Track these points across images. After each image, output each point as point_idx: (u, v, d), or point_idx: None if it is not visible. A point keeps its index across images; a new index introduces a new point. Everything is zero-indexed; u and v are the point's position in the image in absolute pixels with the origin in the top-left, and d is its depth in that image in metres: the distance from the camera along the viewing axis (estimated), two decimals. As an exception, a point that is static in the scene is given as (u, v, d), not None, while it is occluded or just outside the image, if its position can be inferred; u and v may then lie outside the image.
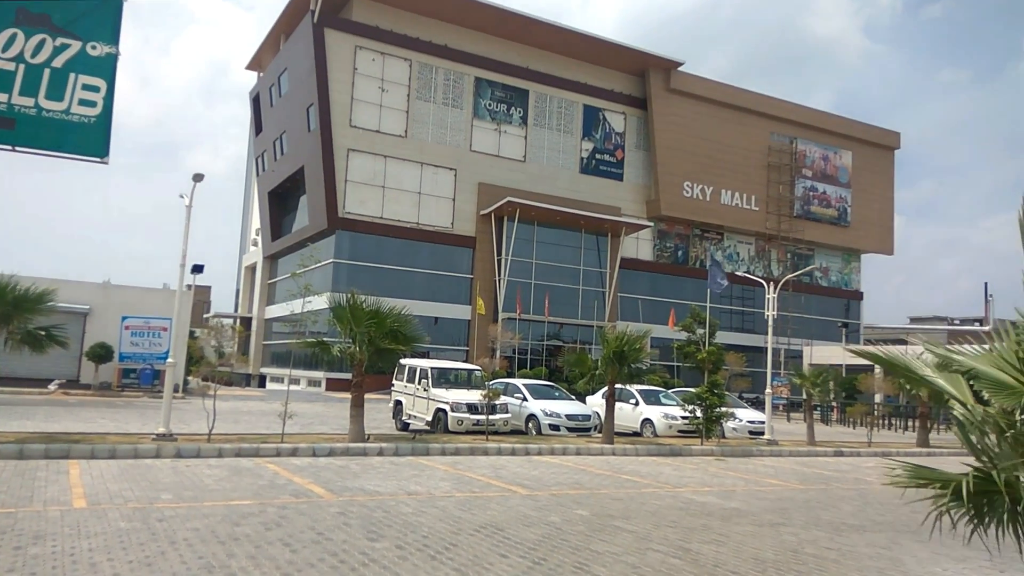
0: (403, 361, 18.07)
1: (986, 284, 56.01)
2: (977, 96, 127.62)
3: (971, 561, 7.05)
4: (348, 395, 14.95)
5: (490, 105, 41.65)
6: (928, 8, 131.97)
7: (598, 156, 44.74)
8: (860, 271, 54.77)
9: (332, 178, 37.29)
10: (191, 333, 28.86)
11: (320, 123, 37.28)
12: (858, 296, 54.34)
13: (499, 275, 39.61)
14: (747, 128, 48.21)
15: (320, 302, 25.50)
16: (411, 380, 17.85)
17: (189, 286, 23.31)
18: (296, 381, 38.30)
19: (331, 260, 37.02)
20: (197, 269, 24.90)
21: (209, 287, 65.34)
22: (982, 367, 3.93)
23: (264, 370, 44.95)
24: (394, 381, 18.79)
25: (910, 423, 31.41)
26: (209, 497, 8.39)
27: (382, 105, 38.91)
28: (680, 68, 45.90)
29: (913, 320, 66.45)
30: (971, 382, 3.92)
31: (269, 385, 43.27)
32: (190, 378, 28.04)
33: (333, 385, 35.69)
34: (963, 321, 58.78)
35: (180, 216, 13.35)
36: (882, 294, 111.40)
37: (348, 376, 16.62)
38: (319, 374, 36.97)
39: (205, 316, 54.55)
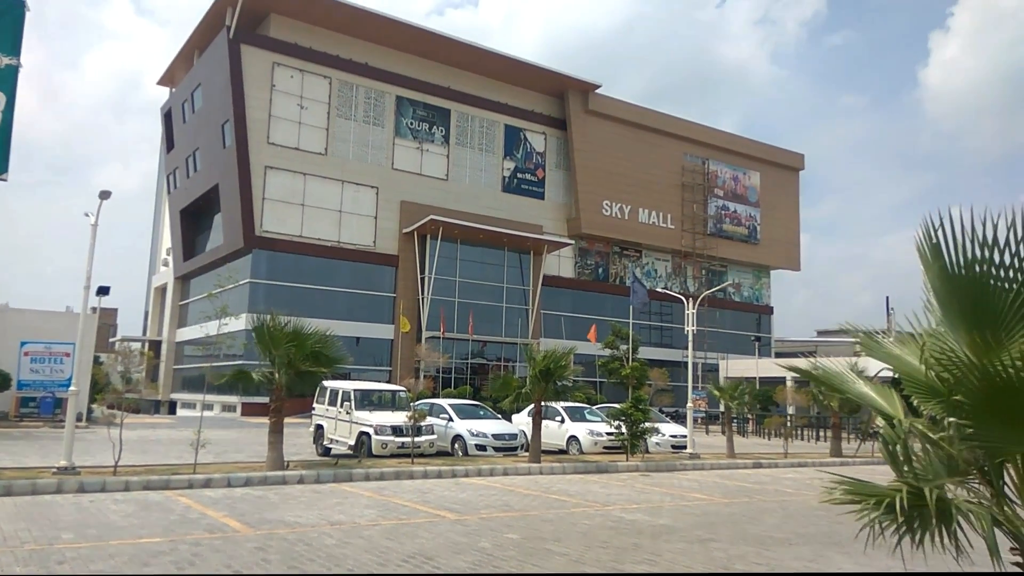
0: (325, 383, 17.42)
1: (887, 298, 59.16)
2: (875, 119, 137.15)
3: (895, 570, 7.23)
4: (265, 420, 14.25)
5: (412, 124, 41.37)
6: (830, 37, 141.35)
7: (520, 175, 45.10)
8: (770, 286, 57.20)
9: (249, 196, 36.02)
10: (96, 358, 27.12)
11: (236, 140, 36.02)
12: (768, 310, 56.67)
13: (422, 294, 39.14)
14: (662, 149, 49.74)
15: (237, 324, 24.36)
16: (333, 403, 17.23)
17: (94, 309, 21.89)
18: (209, 406, 36.49)
19: (248, 280, 35.66)
20: (103, 291, 23.46)
21: (115, 310, 61.73)
22: (909, 362, 3.94)
23: (175, 396, 42.68)
24: (315, 404, 18.09)
25: (822, 433, 32.77)
26: (115, 535, 7.74)
27: (301, 122, 37.99)
28: (598, 90, 47.00)
29: (820, 333, 69.73)
30: (903, 392, 3.95)
31: (180, 411, 41.08)
32: (94, 406, 26.34)
33: (249, 410, 34.19)
34: (867, 334, 62.15)
35: (86, 235, 12.38)
36: (790, 308, 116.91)
37: (266, 400, 15.89)
38: (234, 399, 35.38)
39: (111, 340, 51.57)
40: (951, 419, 3.66)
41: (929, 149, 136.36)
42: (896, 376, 4.06)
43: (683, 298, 27.77)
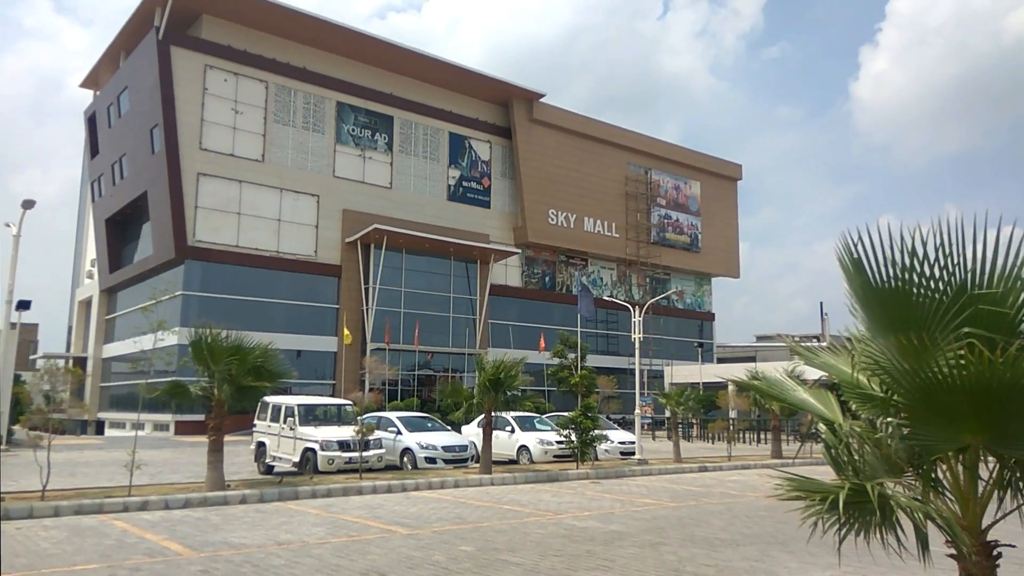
0: (267, 399, 17.08)
1: (821, 304, 61.82)
2: (808, 131, 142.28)
3: (836, 568, 7.57)
4: (201, 439, 13.89)
5: (354, 131, 41.02)
6: (767, 50, 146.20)
7: (465, 184, 45.20)
8: (711, 293, 58.74)
9: (180, 204, 35.03)
10: (17, 377, 25.82)
11: (166, 145, 35.03)
12: (710, 317, 58.17)
13: (367, 304, 38.75)
14: (606, 158, 50.64)
15: (170, 338, 23.62)
16: (275, 419, 16.90)
17: (14, 324, 20.87)
18: (140, 426, 35.16)
19: (180, 292, 34.62)
20: (23, 305, 22.35)
21: (36, 325, 58.92)
22: (844, 369, 4.16)
23: (102, 415, 40.97)
24: (256, 421, 17.70)
25: (763, 436, 33.81)
26: (47, 563, 7.46)
27: (236, 128, 37.21)
28: (542, 99, 47.56)
29: (759, 338, 71.87)
30: (841, 398, 4.18)
31: (108, 431, 39.46)
32: (16, 428, 25.06)
33: (184, 428, 33.12)
34: (803, 338, 64.42)
35: (5, 246, 11.72)
36: (731, 314, 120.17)
37: (201, 418, 15.46)
38: (167, 417, 34.21)
39: (32, 357, 49.28)
40: (888, 420, 3.91)
41: (859, 160, 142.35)
42: (834, 381, 4.30)
43: (629, 306, 28.33)
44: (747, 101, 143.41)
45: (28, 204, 11.85)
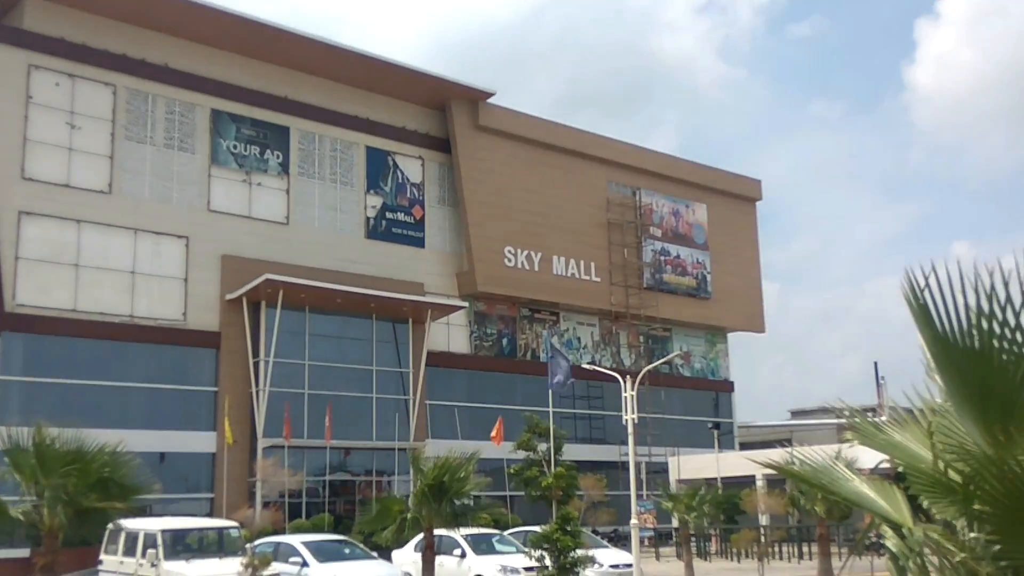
0: (118, 524, 16.65)
1: (876, 364, 62.27)
2: (852, 131, 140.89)
3: None
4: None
5: (236, 147, 41.09)
6: (795, 27, 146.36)
7: (390, 215, 45.47)
8: (728, 355, 59.66)
9: (-6, 254, 34.38)
10: None
11: (-27, 174, 34.49)
12: (728, 387, 58.93)
13: (257, 385, 38.24)
14: (580, 176, 51.64)
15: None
16: (131, 551, 16.55)
17: None
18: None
19: (-7, 377, 33.71)
20: None
21: None
22: (914, 450, 4.13)
23: None
24: (103, 556, 17.28)
25: (806, 549, 33.95)
26: None
27: (73, 148, 36.95)
28: (491, 99, 48.47)
29: (795, 414, 72.91)
30: (909, 491, 4.17)
31: None
32: None
33: (2, 570, 31.80)
34: (857, 414, 65.40)
35: None
36: (755, 383, 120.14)
37: (26, 553, 14.95)
38: (-27, 555, 32.80)
39: None
40: (972, 534, 3.76)
41: (920, 168, 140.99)
42: (899, 469, 4.34)
43: (617, 376, 28.52)
44: (769, 95, 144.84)
45: None
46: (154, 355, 37.23)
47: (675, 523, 23.29)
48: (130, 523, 16.88)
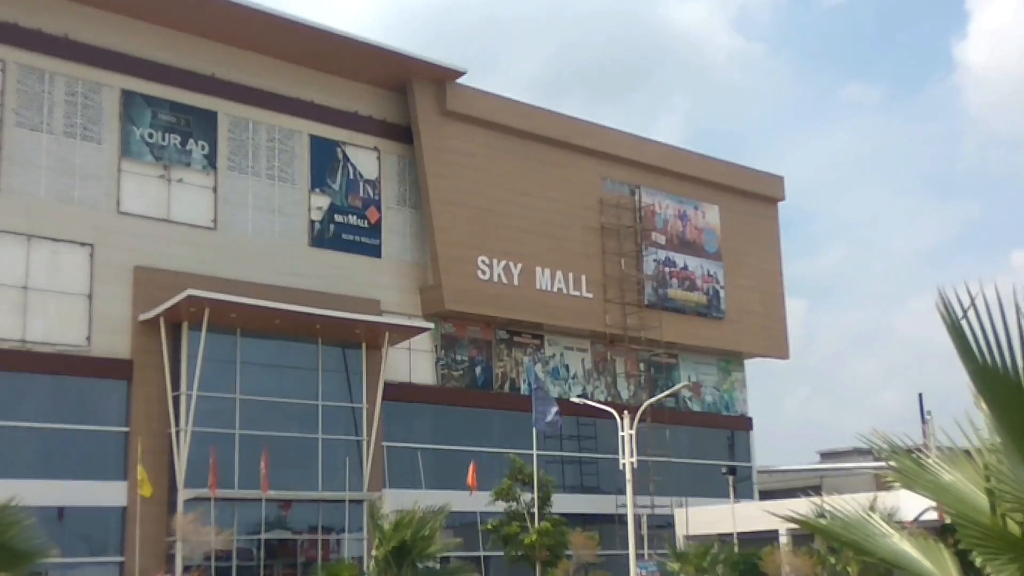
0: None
1: (920, 396, 61.95)
2: (893, 119, 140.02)
3: None
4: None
5: (151, 136, 40.98)
6: None
7: (339, 218, 45.42)
8: (745, 386, 59.87)
9: None
10: None
11: None
12: (745, 424, 59.14)
13: (177, 425, 38.03)
14: (568, 172, 51.78)
15: None
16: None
17: None
18: None
19: None
20: None
21: None
22: (966, 495, 4.07)
23: None
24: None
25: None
26: None
27: (-48, 136, 36.78)
28: (460, 80, 48.50)
29: (824, 456, 73.26)
30: (959, 546, 4.25)
31: None
32: None
33: None
34: (898, 452, 65.73)
35: None
36: (779, 419, 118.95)
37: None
38: None
39: None
40: None
41: (973, 163, 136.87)
42: (946, 520, 4.43)
43: (614, 411, 28.79)
44: (794, 75, 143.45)
45: None
46: (51, 388, 36.91)
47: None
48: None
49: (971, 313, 3.51)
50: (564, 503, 42.88)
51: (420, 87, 47.66)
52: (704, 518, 44.30)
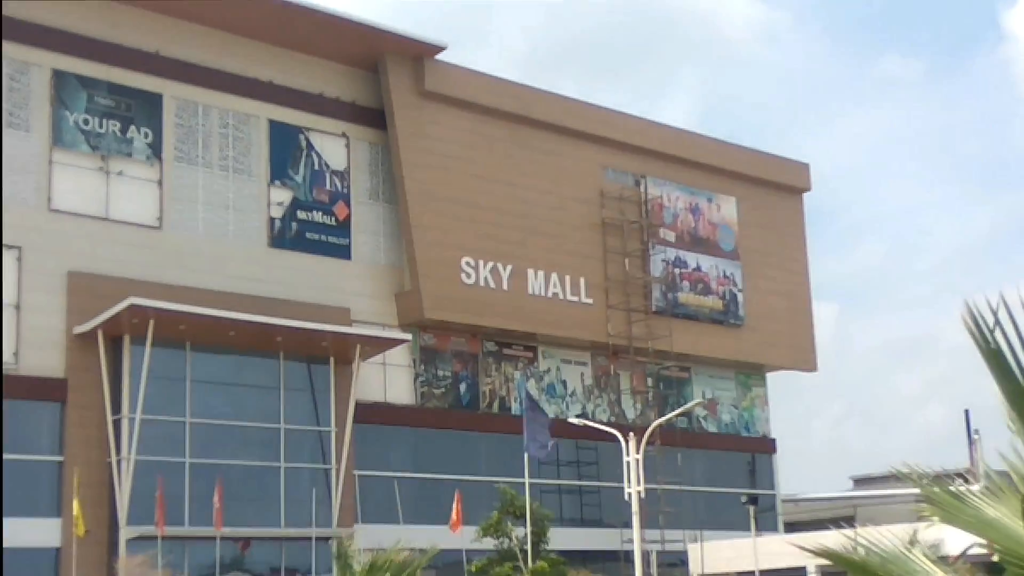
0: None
1: (967, 413, 61.84)
2: (935, 97, 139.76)
3: None
4: None
5: (87, 123, 40.84)
6: None
7: (303, 215, 45.30)
8: (767, 403, 59.83)
9: None
10: None
11: None
12: (768, 446, 59.11)
13: (119, 453, 37.90)
14: (564, 160, 51.73)
15: None
16: None
17: None
18: None
19: None
20: None
21: None
22: (1014, 530, 4.11)
23: None
24: None
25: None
26: None
27: None
28: (440, 56, 48.40)
29: (858, 483, 73.21)
30: None
31: None
32: None
33: None
34: (937, 477, 65.76)
35: None
36: (806, 440, 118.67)
37: None
38: None
39: None
40: None
41: None
42: (993, 557, 4.36)
43: (618, 433, 28.69)
44: (822, 48, 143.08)
45: None
46: (-26, 412, 36.83)
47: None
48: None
49: (1008, 325, 3.52)
50: (562, 538, 42.83)
51: (394, 65, 47.55)
52: (722, 554, 44.20)
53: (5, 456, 37.02)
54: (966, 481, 4.55)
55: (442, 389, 48.04)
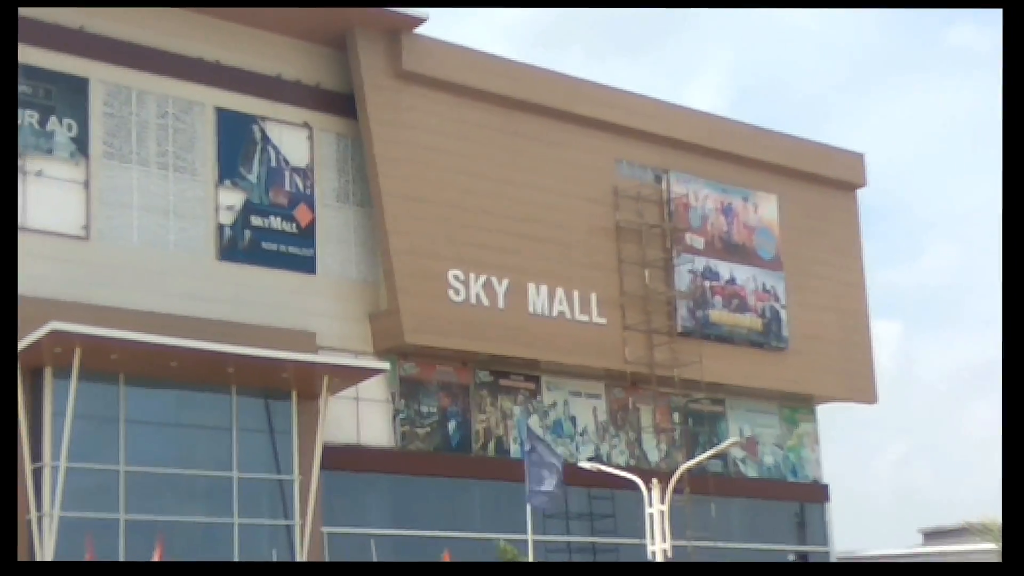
0: None
1: None
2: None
3: None
4: None
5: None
6: None
7: (258, 222, 45.48)
8: (818, 441, 59.99)
9: None
10: None
11: None
12: (820, 494, 59.28)
13: (39, 508, 38.07)
14: (571, 152, 52.05)
15: None
16: None
17: None
18: None
19: None
20: None
21: None
22: None
23: None
24: None
25: None
26: None
27: None
28: (420, 29, 48.52)
29: (928, 537, 73.29)
30: None
31: None
32: None
33: None
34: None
35: None
36: (865, 486, 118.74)
37: None
38: None
39: None
40: None
41: None
42: None
43: (638, 479, 28.89)
44: (879, 17, 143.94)
45: None
46: None
47: None
48: None
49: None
50: (572, 606, 43.06)
51: (365, 41, 47.70)
52: (765, 623, 44.45)
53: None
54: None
55: (427, 429, 48.14)
